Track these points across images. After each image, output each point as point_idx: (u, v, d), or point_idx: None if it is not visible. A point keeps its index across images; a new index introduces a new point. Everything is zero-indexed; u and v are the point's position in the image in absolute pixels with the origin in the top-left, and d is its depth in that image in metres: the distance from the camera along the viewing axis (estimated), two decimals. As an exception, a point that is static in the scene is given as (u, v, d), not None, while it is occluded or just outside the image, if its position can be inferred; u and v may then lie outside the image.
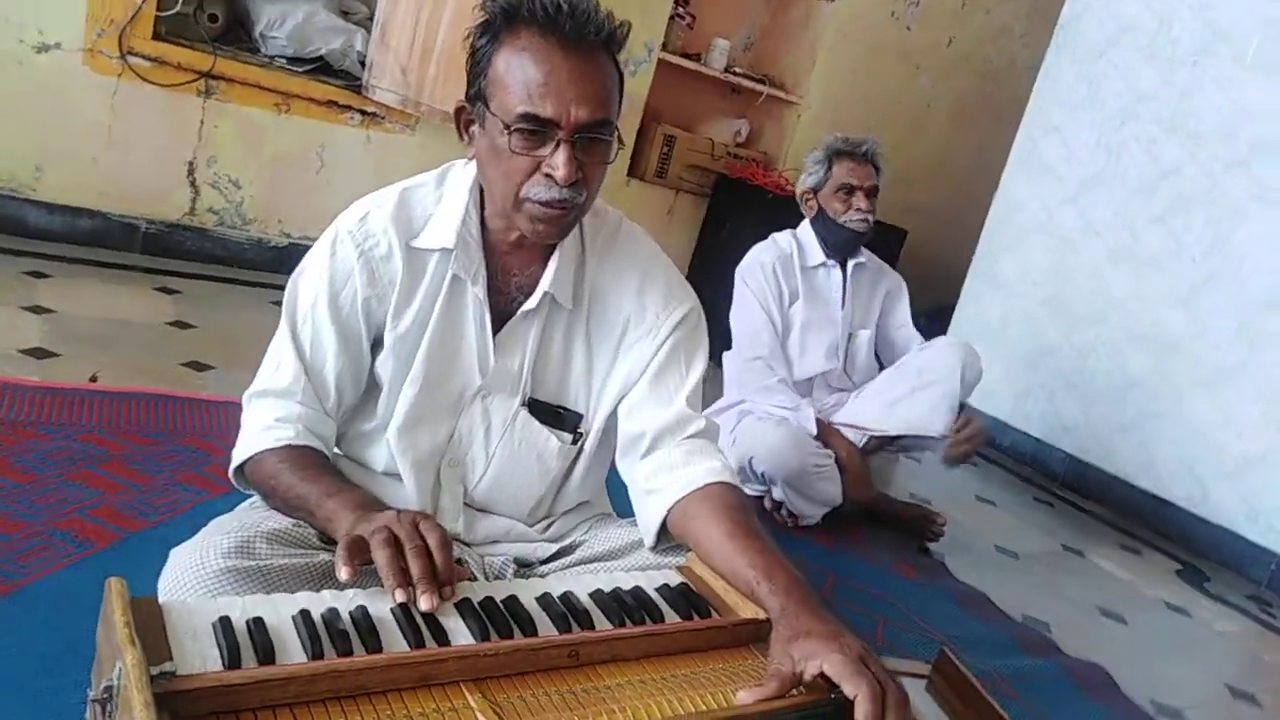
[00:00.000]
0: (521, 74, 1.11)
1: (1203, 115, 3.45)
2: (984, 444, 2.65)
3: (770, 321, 2.54)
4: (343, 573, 0.96)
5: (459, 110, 1.22)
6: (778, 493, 2.45)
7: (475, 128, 1.19)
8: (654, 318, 1.30)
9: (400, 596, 0.94)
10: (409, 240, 1.24)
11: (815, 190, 2.60)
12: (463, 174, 1.28)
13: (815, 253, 2.63)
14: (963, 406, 2.52)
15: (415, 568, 0.96)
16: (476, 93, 1.17)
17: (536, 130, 1.12)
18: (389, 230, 1.24)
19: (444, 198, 1.28)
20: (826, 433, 2.50)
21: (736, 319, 2.59)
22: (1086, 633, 2.37)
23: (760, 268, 2.59)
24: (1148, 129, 3.63)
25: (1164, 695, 2.13)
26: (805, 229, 2.67)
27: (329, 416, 1.25)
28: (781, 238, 2.68)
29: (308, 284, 1.25)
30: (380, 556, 0.97)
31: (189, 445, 2.01)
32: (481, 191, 1.25)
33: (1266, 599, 3.06)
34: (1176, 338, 3.46)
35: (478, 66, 1.16)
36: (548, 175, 1.13)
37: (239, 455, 1.22)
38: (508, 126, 1.12)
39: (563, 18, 1.09)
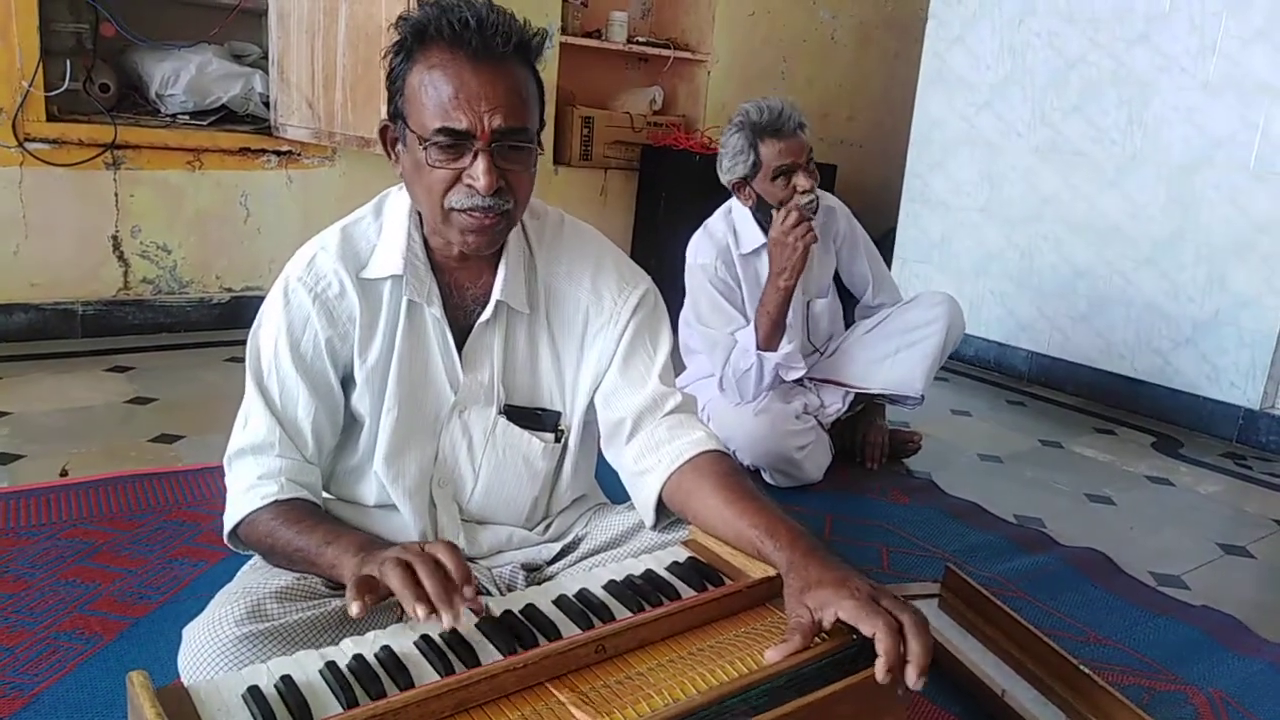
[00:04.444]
0: (434, 89, 1.12)
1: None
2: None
3: (730, 335, 2.38)
4: (354, 608, 0.95)
5: (383, 130, 1.24)
6: (766, 477, 2.41)
7: (399, 146, 1.21)
8: (612, 305, 1.33)
9: (422, 613, 0.94)
10: (359, 273, 1.25)
11: (747, 179, 2.34)
12: (399, 199, 1.29)
13: (751, 237, 2.42)
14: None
15: (430, 584, 0.95)
16: (395, 111, 1.19)
17: (454, 143, 1.13)
18: (338, 269, 1.25)
19: (384, 226, 1.29)
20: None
21: (691, 335, 2.44)
22: (1078, 520, 2.44)
23: (703, 272, 2.39)
24: (1046, 23, 3.68)
25: (1161, 565, 2.20)
26: (740, 206, 2.44)
27: (311, 464, 1.26)
28: (716, 226, 2.46)
29: (267, 336, 1.26)
30: (395, 580, 0.96)
31: (175, 520, 1.99)
32: (420, 213, 1.25)
33: (1239, 453, 3.16)
34: (1113, 220, 3.54)
35: (394, 85, 1.18)
36: (469, 185, 1.14)
37: (229, 520, 1.22)
38: (425, 140, 1.14)
39: (469, 32, 1.10)
